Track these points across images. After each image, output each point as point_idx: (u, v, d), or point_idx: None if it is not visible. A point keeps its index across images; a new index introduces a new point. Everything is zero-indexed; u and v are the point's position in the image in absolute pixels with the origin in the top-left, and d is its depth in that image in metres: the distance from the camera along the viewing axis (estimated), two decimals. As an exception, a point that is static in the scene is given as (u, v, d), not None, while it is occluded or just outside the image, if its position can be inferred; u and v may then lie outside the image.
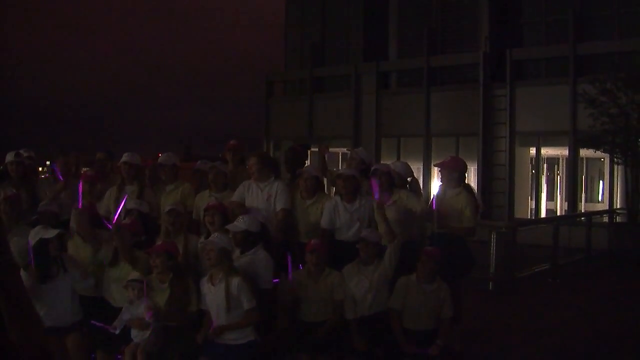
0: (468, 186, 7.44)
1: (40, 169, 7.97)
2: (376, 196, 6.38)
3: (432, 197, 7.39)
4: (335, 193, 6.97)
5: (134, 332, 5.66)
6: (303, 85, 26.96)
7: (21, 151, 7.78)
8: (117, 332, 5.60)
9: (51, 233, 5.58)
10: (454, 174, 7.20)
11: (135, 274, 5.70)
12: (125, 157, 7.20)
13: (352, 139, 24.34)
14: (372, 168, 6.99)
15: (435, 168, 10.93)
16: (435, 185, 7.39)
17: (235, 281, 5.39)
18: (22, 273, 5.41)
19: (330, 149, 15.91)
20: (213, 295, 5.51)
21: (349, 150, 7.61)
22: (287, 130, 26.28)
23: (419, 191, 7.47)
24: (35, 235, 5.59)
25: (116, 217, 6.06)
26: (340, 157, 22.36)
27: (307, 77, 26.51)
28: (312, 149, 13.86)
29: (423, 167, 22.50)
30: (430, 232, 7.22)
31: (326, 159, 8.13)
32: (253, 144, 24.89)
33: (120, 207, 6.16)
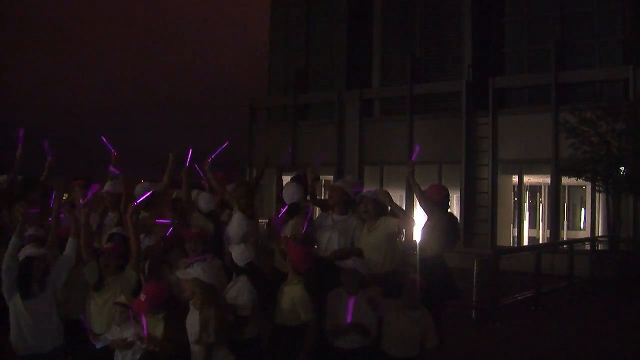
0: (450, 215, 7.48)
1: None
2: None
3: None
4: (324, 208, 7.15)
5: (117, 357, 5.53)
6: (286, 112, 26.99)
7: None
8: (98, 346, 5.51)
9: (38, 252, 5.59)
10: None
11: (122, 297, 5.59)
12: (107, 187, 7.16)
13: (335, 166, 24.33)
14: (358, 195, 6.99)
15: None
16: (418, 213, 7.41)
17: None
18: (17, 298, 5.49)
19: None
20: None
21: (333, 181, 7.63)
22: (270, 157, 26.04)
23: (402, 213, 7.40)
24: (23, 252, 5.60)
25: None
26: (322, 185, 22.23)
27: (290, 103, 26.56)
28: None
29: (406, 195, 22.51)
30: (414, 260, 7.19)
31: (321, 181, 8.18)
32: (236, 169, 24.75)
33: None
